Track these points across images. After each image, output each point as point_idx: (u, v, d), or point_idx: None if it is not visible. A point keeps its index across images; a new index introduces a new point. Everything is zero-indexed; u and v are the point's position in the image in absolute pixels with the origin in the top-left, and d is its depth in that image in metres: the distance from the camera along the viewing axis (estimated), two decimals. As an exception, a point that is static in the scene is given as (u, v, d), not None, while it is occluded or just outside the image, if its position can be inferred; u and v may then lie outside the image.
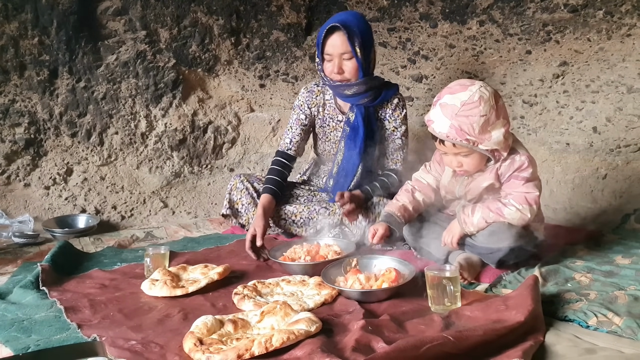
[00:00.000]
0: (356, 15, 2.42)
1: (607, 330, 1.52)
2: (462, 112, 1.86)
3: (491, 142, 1.89)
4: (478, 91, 1.88)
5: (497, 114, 1.89)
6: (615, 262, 2.10)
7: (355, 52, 2.32)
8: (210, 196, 3.44)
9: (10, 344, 1.54)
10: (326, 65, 2.40)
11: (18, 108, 3.08)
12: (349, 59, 2.34)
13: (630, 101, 2.86)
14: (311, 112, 2.59)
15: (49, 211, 3.09)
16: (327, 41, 2.34)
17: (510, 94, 3.24)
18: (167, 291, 1.87)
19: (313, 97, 2.59)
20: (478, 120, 1.85)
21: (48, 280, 2.00)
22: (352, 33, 2.30)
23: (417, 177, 2.25)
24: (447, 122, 1.88)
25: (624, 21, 2.88)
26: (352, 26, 2.31)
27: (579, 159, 2.99)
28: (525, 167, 1.96)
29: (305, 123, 2.59)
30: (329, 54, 2.36)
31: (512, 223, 1.93)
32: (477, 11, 3.28)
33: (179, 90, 3.46)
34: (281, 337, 1.41)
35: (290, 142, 2.60)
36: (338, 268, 1.98)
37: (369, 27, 2.41)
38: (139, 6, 3.29)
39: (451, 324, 1.57)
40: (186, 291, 1.88)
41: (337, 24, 2.29)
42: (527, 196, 1.93)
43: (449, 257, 2.10)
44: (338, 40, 2.32)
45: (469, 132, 1.87)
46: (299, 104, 2.61)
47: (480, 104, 1.86)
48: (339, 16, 2.38)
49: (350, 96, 2.45)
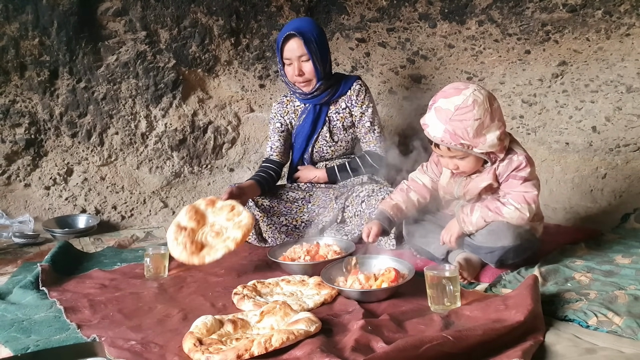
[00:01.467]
0: (309, 21, 2.65)
1: (607, 330, 1.52)
2: (456, 117, 1.86)
3: (486, 146, 1.89)
4: (472, 95, 1.87)
5: (491, 117, 1.89)
6: (615, 261, 2.09)
7: (311, 54, 2.50)
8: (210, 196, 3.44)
9: (10, 344, 1.55)
10: (287, 70, 2.59)
11: (18, 108, 3.08)
12: (307, 61, 2.53)
13: (629, 100, 2.86)
14: (285, 120, 2.75)
15: (49, 211, 3.10)
16: (284, 47, 2.54)
17: (510, 94, 3.24)
18: (186, 257, 2.03)
19: (284, 107, 2.77)
20: (472, 124, 1.86)
21: (48, 280, 2.00)
22: (307, 38, 2.50)
23: (413, 177, 2.26)
24: (442, 126, 1.89)
25: (622, 21, 2.88)
26: (306, 32, 2.51)
27: (578, 159, 2.99)
28: (523, 166, 1.96)
29: (282, 129, 2.76)
30: (288, 58, 2.55)
31: (511, 222, 1.93)
32: (476, 11, 3.28)
33: (179, 90, 3.46)
34: (281, 337, 1.41)
35: (271, 149, 2.76)
36: (338, 268, 1.98)
37: (322, 31, 2.61)
38: (139, 7, 3.30)
39: (451, 323, 1.57)
40: (203, 261, 2.03)
41: (292, 31, 2.49)
42: (526, 195, 1.93)
43: (449, 257, 2.10)
44: (294, 44, 2.51)
45: (463, 137, 1.87)
46: (272, 115, 2.79)
47: (474, 107, 1.86)
48: (294, 23, 2.59)
49: (311, 98, 2.64)
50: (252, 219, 2.14)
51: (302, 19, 2.72)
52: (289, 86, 2.65)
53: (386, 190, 2.40)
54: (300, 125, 2.70)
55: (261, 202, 2.63)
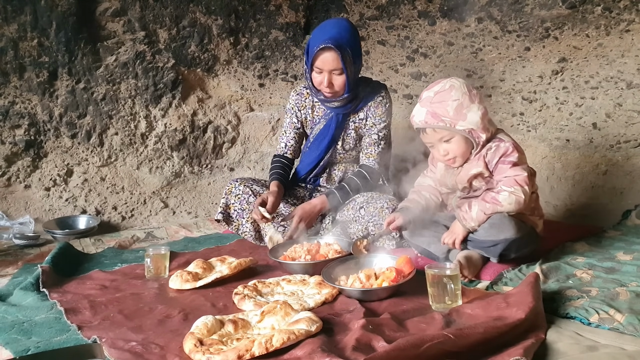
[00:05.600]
0: (347, 27, 2.43)
1: (609, 327, 1.52)
2: (436, 99, 2.01)
3: (467, 122, 1.99)
4: (449, 81, 2.04)
5: (470, 99, 2.00)
6: (616, 258, 2.09)
7: (345, 68, 2.36)
8: (211, 196, 3.44)
9: (11, 346, 1.54)
10: (315, 76, 2.43)
11: (18, 110, 3.07)
12: (339, 75, 2.39)
13: (629, 97, 2.86)
14: (301, 114, 2.65)
15: (50, 212, 3.09)
16: (318, 56, 2.36)
17: (510, 91, 3.23)
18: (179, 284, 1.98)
19: (302, 99, 2.64)
20: (452, 104, 1.99)
21: (48, 281, 2.00)
22: (344, 51, 2.34)
23: (418, 183, 2.31)
24: (424, 110, 2.03)
25: (622, 17, 2.88)
26: (344, 44, 2.35)
27: (579, 155, 2.99)
28: (510, 152, 2.01)
29: (298, 126, 2.66)
30: (319, 68, 2.39)
31: (510, 208, 1.95)
32: (475, 8, 3.28)
33: (179, 90, 3.45)
34: (281, 337, 1.41)
35: (285, 146, 2.66)
36: (339, 267, 1.98)
37: (357, 38, 2.45)
38: (138, 7, 3.29)
39: (452, 322, 1.56)
40: (194, 285, 1.97)
41: (330, 43, 2.32)
42: (517, 178, 1.96)
43: (449, 255, 2.10)
44: (330, 57, 2.35)
45: (443, 115, 1.99)
46: (290, 107, 2.66)
47: (451, 90, 2.00)
48: (331, 30, 2.38)
49: (335, 108, 2.54)
50: None
51: (339, 24, 2.45)
52: (312, 90, 2.51)
53: (386, 198, 2.39)
54: (323, 131, 2.57)
55: None
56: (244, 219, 2.55)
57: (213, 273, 2.05)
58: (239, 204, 2.55)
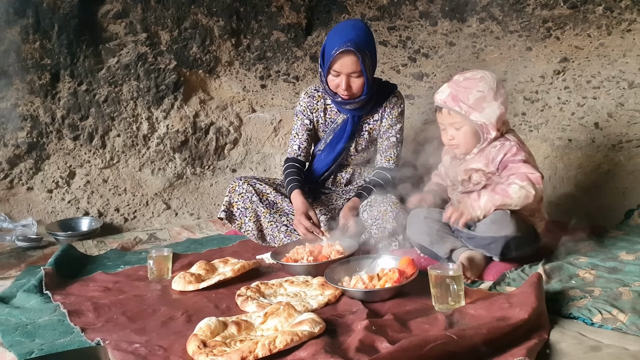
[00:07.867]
0: (363, 29, 2.40)
1: (612, 327, 1.52)
2: (463, 84, 2.05)
3: (482, 115, 2.01)
4: (483, 72, 2.08)
5: (494, 96, 2.02)
6: (619, 258, 2.09)
7: (365, 71, 2.35)
8: (213, 197, 3.44)
9: (14, 348, 1.54)
10: (331, 79, 2.40)
11: (20, 112, 3.08)
12: (357, 77, 2.37)
13: (631, 96, 2.86)
14: (313, 117, 2.62)
15: (52, 214, 3.10)
16: (338, 59, 2.33)
17: (512, 91, 3.23)
18: (182, 286, 1.98)
19: (314, 102, 2.61)
20: (475, 94, 2.02)
21: (51, 283, 2.00)
22: (364, 54, 2.32)
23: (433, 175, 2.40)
24: (447, 90, 2.08)
25: (623, 16, 2.87)
26: (363, 45, 2.33)
27: (581, 155, 2.99)
28: (516, 151, 2.03)
29: (310, 128, 2.62)
30: (337, 71, 2.36)
31: (518, 202, 1.96)
32: (476, 9, 3.28)
33: (180, 91, 3.46)
34: (285, 339, 1.41)
35: (298, 149, 2.62)
36: (341, 268, 1.98)
37: (373, 39, 2.44)
38: (140, 9, 3.30)
39: (455, 322, 1.56)
40: (197, 287, 1.97)
41: (350, 46, 2.29)
42: (530, 176, 1.98)
43: (452, 256, 2.10)
44: (349, 60, 2.32)
45: (463, 100, 2.03)
46: (301, 109, 2.63)
47: (480, 81, 2.03)
48: (349, 33, 2.34)
49: (351, 110, 2.53)
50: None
51: (355, 26, 2.41)
52: (328, 92, 2.48)
53: (389, 201, 2.38)
54: (338, 134, 2.56)
55: (266, 197, 2.60)
56: (246, 218, 2.56)
57: (216, 275, 2.06)
58: (242, 203, 2.56)
